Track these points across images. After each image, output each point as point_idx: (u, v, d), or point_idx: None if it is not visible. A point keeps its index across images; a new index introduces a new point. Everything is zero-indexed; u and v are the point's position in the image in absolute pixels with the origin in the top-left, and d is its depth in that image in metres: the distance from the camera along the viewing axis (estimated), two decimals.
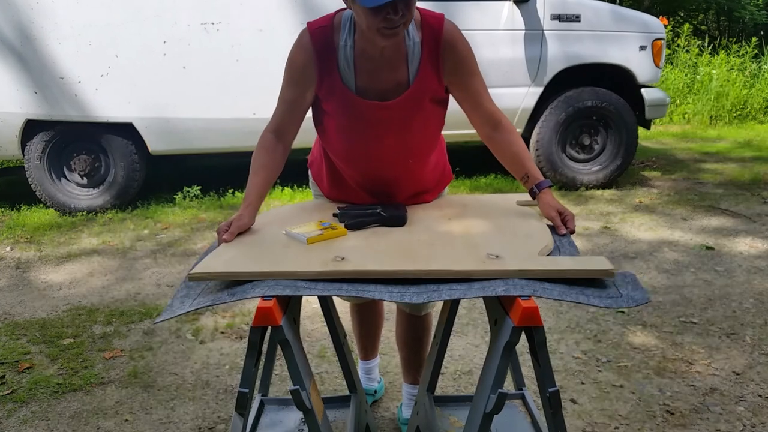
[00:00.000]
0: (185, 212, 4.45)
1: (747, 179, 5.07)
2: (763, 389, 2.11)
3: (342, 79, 1.47)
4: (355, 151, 1.55)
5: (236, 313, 2.83)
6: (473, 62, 1.51)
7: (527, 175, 1.54)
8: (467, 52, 1.49)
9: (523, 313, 1.08)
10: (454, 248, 1.29)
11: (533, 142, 4.74)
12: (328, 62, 1.46)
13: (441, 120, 1.60)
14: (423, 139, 1.57)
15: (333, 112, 1.51)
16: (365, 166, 1.57)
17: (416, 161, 1.59)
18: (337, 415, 1.69)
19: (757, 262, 3.26)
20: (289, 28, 4.28)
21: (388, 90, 1.48)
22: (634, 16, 4.77)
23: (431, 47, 1.46)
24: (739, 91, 8.08)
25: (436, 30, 1.46)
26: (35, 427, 2.02)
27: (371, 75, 1.47)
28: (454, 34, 1.47)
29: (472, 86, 1.52)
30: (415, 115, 1.51)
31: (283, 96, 1.53)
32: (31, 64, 4.11)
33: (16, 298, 3.07)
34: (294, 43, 1.49)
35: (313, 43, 1.46)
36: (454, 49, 1.47)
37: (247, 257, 1.27)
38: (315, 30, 1.46)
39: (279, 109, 1.54)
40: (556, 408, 1.15)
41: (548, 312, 2.74)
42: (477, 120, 1.57)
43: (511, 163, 1.57)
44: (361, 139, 1.53)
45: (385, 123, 1.50)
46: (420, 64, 1.47)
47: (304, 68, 1.48)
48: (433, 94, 1.51)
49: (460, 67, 1.49)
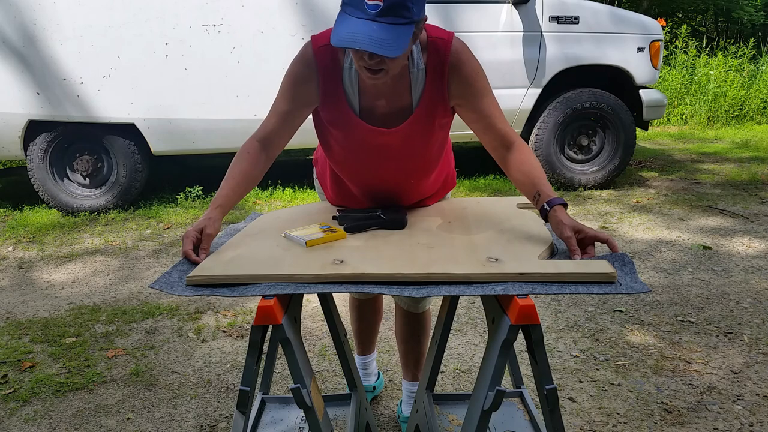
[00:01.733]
0: (187, 212, 4.47)
1: (744, 179, 5.09)
2: (760, 388, 2.13)
3: (347, 100, 1.43)
4: (356, 168, 1.53)
5: (238, 312, 2.85)
6: (482, 83, 1.43)
7: (538, 193, 1.38)
8: (474, 74, 1.42)
9: (520, 311, 1.09)
10: (454, 251, 1.29)
11: (532, 143, 4.77)
12: (332, 82, 1.41)
13: (445, 139, 1.55)
14: (426, 160, 1.54)
15: (336, 131, 1.48)
16: (367, 182, 1.57)
17: (418, 180, 1.57)
18: (338, 413, 1.70)
19: (755, 261, 3.28)
20: (289, 29, 4.30)
21: (391, 115, 1.45)
22: (632, 18, 4.79)
23: (436, 71, 1.40)
24: (737, 92, 8.10)
25: (442, 53, 1.39)
26: (37, 425, 2.04)
27: (374, 100, 1.43)
28: (460, 56, 1.40)
29: (481, 108, 1.44)
30: (418, 140, 1.48)
31: (277, 107, 1.46)
32: (34, 64, 4.13)
33: (18, 298, 3.09)
34: (296, 56, 1.43)
35: (317, 61, 1.40)
36: (459, 71, 1.40)
37: (246, 260, 1.27)
38: (319, 48, 1.40)
39: (271, 120, 1.47)
40: (553, 405, 1.16)
41: (546, 311, 2.76)
42: (490, 142, 1.48)
43: (522, 181, 1.43)
44: (363, 159, 1.50)
45: (387, 148, 1.47)
46: (424, 90, 1.42)
47: (304, 84, 1.42)
48: (438, 118, 1.46)
49: (467, 89, 1.42)
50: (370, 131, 1.45)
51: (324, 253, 1.29)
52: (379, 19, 1.19)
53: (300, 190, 4.94)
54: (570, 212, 4.27)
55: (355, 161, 1.52)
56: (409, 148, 1.48)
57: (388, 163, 1.50)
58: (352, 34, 1.19)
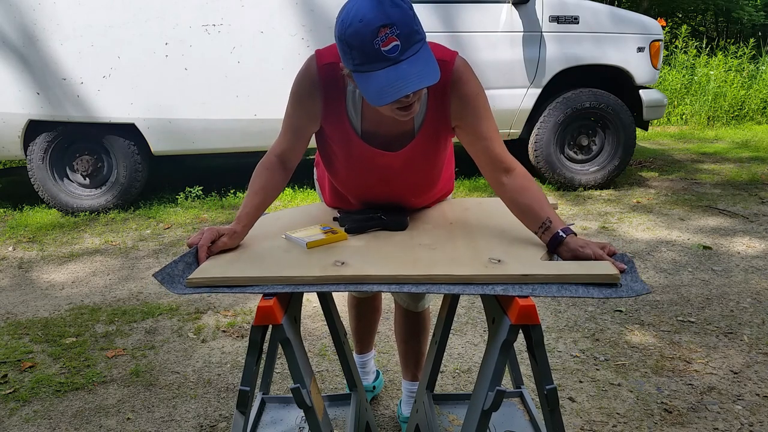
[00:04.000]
0: (187, 212, 4.47)
1: (744, 179, 5.09)
2: (760, 388, 2.13)
3: (349, 121, 1.43)
4: (357, 184, 1.54)
5: (238, 312, 2.85)
6: (482, 104, 1.40)
7: (549, 220, 1.31)
8: (475, 94, 1.39)
9: (520, 311, 1.09)
10: (456, 253, 1.28)
11: (531, 143, 4.77)
12: (336, 102, 1.41)
13: (446, 155, 1.54)
14: (428, 179, 1.54)
15: (337, 148, 1.48)
16: (367, 198, 1.57)
17: (419, 196, 1.58)
18: (338, 413, 1.70)
19: (755, 261, 3.28)
20: (289, 29, 4.30)
21: (393, 138, 1.44)
22: (632, 18, 4.79)
23: (439, 92, 1.39)
24: (737, 92, 8.11)
25: (445, 72, 1.36)
26: (37, 425, 2.04)
27: (377, 124, 1.43)
28: (462, 75, 1.38)
29: (479, 130, 1.40)
30: (421, 161, 1.47)
31: (289, 121, 1.46)
32: (34, 64, 4.13)
33: (18, 298, 3.09)
34: (300, 71, 1.42)
35: (321, 78, 1.39)
36: (460, 90, 1.38)
37: (246, 262, 1.26)
38: (323, 66, 1.38)
39: (285, 136, 1.47)
40: (553, 405, 1.16)
41: (546, 311, 2.76)
42: (486, 166, 1.43)
43: (525, 210, 1.36)
44: (364, 177, 1.50)
45: (387, 170, 1.47)
46: (426, 113, 1.41)
47: (309, 100, 1.42)
48: (441, 140, 1.46)
49: (466, 108, 1.39)
50: (372, 153, 1.45)
51: (325, 255, 1.28)
52: (403, 57, 1.17)
53: (300, 190, 4.94)
54: (570, 212, 4.27)
55: (355, 178, 1.52)
56: (411, 169, 1.48)
57: (389, 182, 1.50)
58: (391, 86, 1.16)
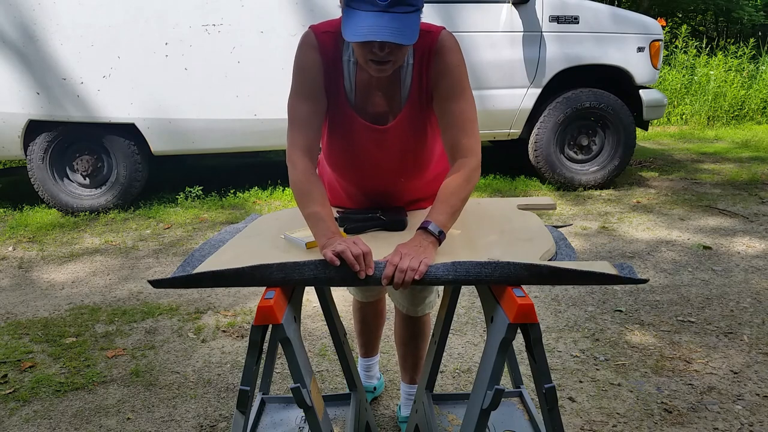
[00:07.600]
0: (187, 212, 4.47)
1: (744, 179, 5.09)
2: (760, 388, 2.13)
3: (345, 91, 1.43)
4: (348, 161, 1.54)
5: (238, 312, 2.85)
6: (462, 79, 1.39)
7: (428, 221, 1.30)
8: (455, 66, 1.38)
9: (518, 310, 1.10)
10: (455, 253, 1.28)
11: (532, 143, 4.77)
12: (334, 71, 1.41)
13: (434, 133, 1.54)
14: (417, 158, 1.54)
15: (331, 121, 1.49)
16: (359, 178, 1.57)
17: (409, 178, 1.57)
18: (338, 413, 1.70)
19: (755, 261, 3.28)
20: (289, 29, 4.30)
21: (381, 113, 1.45)
22: (632, 18, 4.79)
23: (423, 61, 1.39)
24: (737, 92, 8.10)
25: (429, 41, 1.37)
26: (37, 425, 2.04)
27: (367, 96, 1.44)
28: (446, 43, 1.38)
29: (453, 106, 1.39)
30: (408, 138, 1.48)
31: (300, 109, 1.40)
32: (34, 64, 4.14)
33: (18, 298, 3.09)
34: (299, 46, 1.41)
35: (320, 44, 1.39)
36: (442, 57, 1.38)
37: (245, 262, 1.27)
38: (322, 33, 1.39)
39: (301, 130, 1.40)
40: (552, 404, 1.16)
41: (546, 311, 2.76)
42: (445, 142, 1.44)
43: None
44: (355, 153, 1.51)
45: (377, 144, 1.48)
46: (411, 86, 1.41)
47: (314, 64, 1.39)
48: (427, 112, 1.46)
49: (444, 77, 1.38)
50: (363, 126, 1.46)
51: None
52: (390, 9, 1.20)
53: None
54: (570, 212, 4.27)
55: (348, 154, 1.52)
56: (399, 144, 1.48)
57: (380, 158, 1.50)
58: (367, 27, 1.20)
